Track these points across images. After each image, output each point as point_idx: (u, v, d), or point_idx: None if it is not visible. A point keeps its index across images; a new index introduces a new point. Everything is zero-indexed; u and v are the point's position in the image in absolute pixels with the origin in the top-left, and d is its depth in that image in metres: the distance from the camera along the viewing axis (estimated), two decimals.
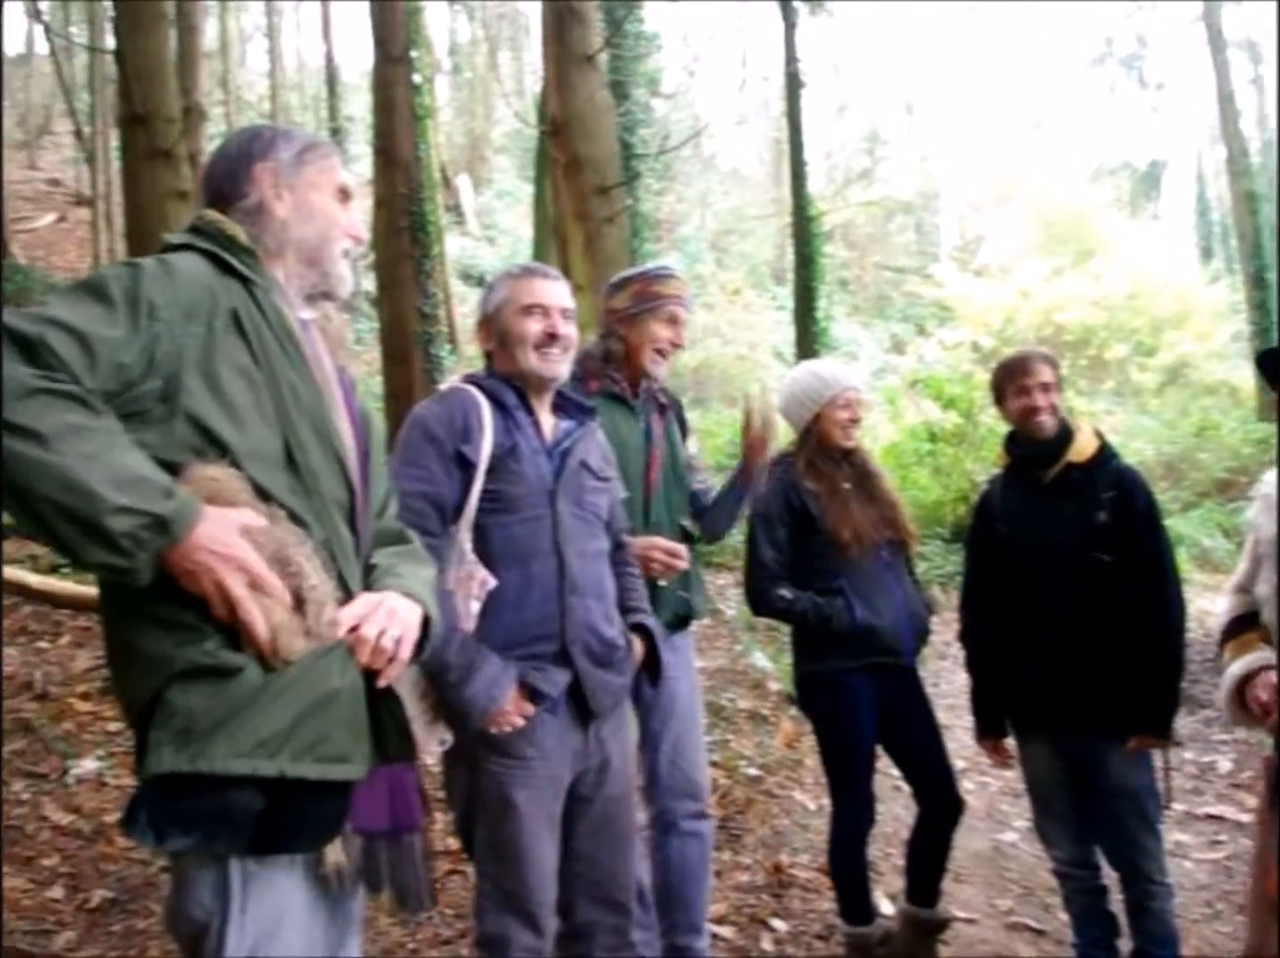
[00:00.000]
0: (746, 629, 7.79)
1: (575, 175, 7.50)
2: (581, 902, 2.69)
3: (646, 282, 3.38)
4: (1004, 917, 4.30)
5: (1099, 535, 3.30)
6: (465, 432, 2.60)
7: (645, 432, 3.37)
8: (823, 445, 3.68)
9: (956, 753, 3.82)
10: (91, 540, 1.57)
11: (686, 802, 3.38)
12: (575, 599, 2.61)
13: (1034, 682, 3.37)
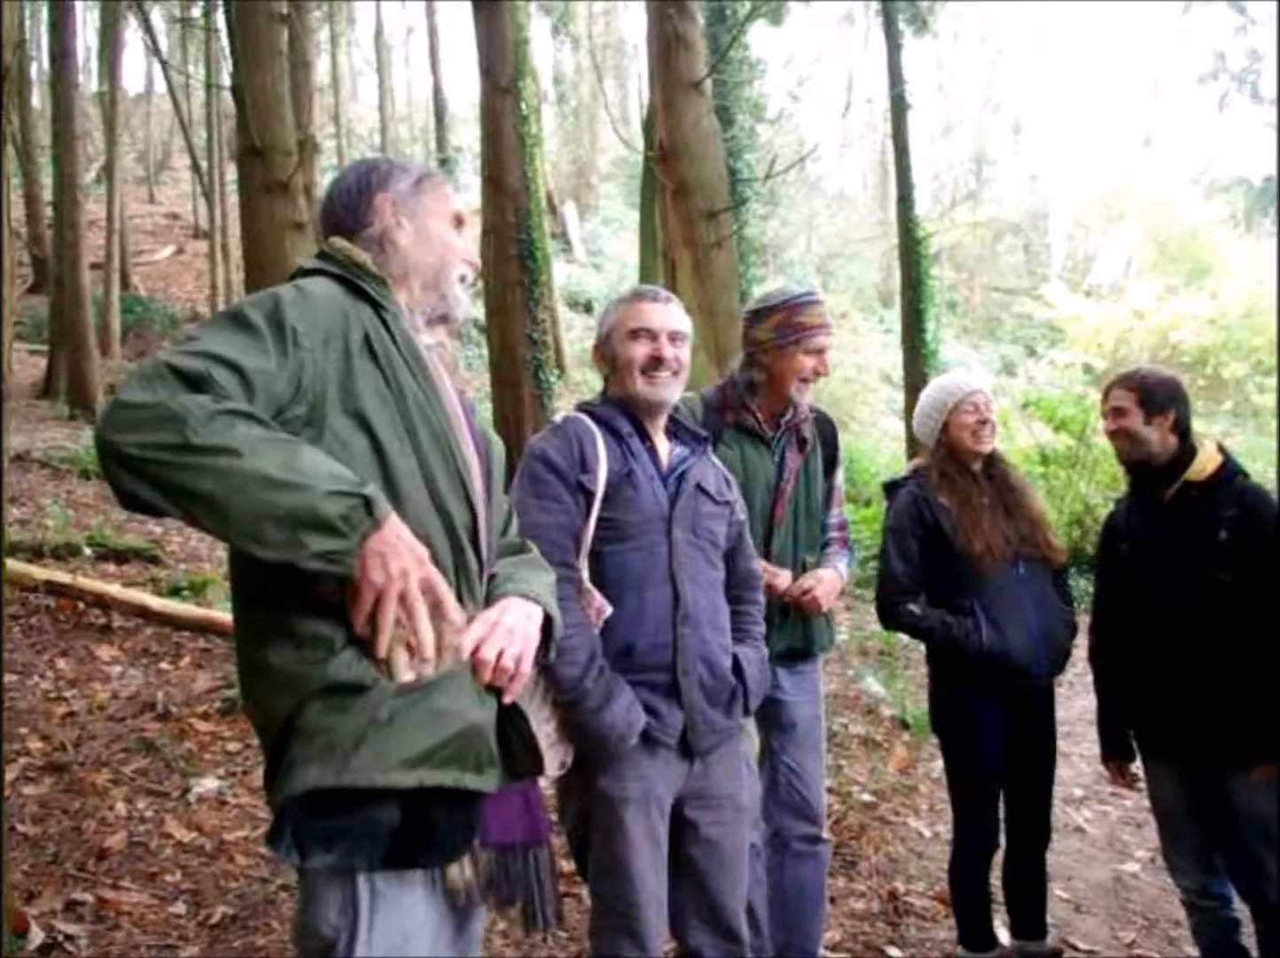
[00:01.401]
0: (859, 654, 7.74)
1: (683, 200, 7.56)
2: (693, 926, 2.68)
3: (790, 311, 3.32)
4: (1127, 949, 4.19)
5: (1220, 554, 3.20)
6: (583, 461, 2.62)
7: (778, 465, 3.34)
8: (955, 455, 3.64)
9: (1074, 781, 3.75)
10: (307, 531, 1.62)
11: (802, 824, 3.36)
12: (689, 629, 2.61)
13: (1161, 704, 3.28)
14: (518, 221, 10.45)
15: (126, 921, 3.83)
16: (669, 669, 2.58)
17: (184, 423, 1.58)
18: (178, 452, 1.58)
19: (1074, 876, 4.80)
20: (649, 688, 2.56)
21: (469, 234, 2.15)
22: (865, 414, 21.48)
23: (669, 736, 2.56)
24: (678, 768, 2.62)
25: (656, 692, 2.57)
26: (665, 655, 2.58)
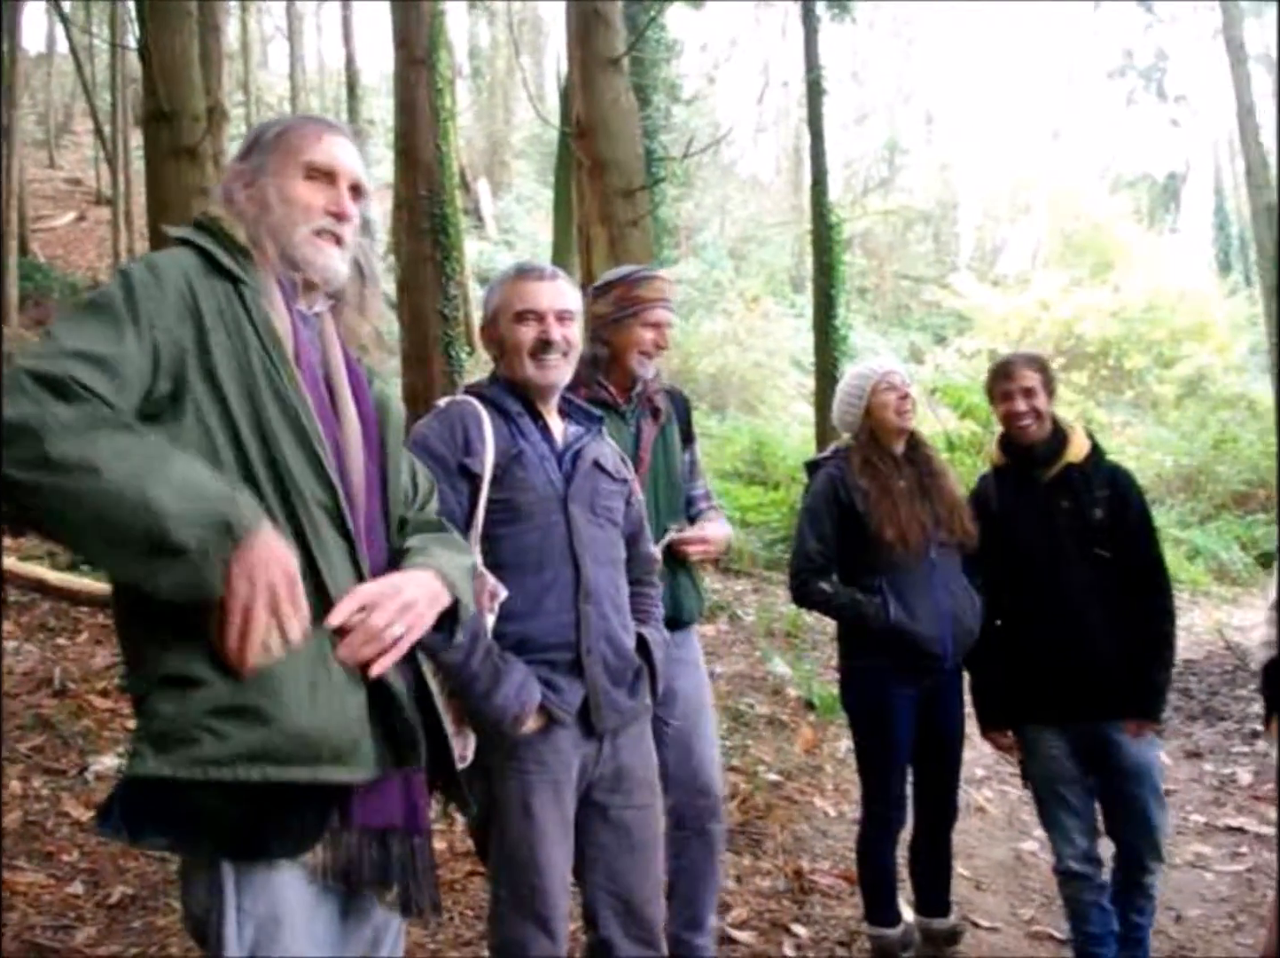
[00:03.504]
0: (765, 635, 7.78)
1: (600, 178, 7.50)
2: (604, 914, 2.65)
3: (629, 285, 3.36)
4: (1026, 926, 4.27)
5: (1096, 532, 3.42)
6: (466, 444, 2.56)
7: (634, 437, 3.36)
8: (879, 438, 3.66)
9: (975, 761, 3.82)
10: (156, 560, 1.57)
11: (695, 798, 3.40)
12: (591, 608, 2.56)
13: (1045, 673, 3.43)
14: (430, 196, 10.31)
15: (22, 901, 3.73)
16: (572, 648, 2.53)
17: (40, 438, 1.54)
18: (36, 469, 1.53)
19: (975, 854, 4.88)
20: (550, 667, 2.51)
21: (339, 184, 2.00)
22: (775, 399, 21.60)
23: (568, 712, 2.50)
24: (585, 750, 2.57)
25: (558, 670, 2.51)
26: (568, 634, 2.53)
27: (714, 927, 3.60)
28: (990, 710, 3.66)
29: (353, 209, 2.01)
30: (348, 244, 2.01)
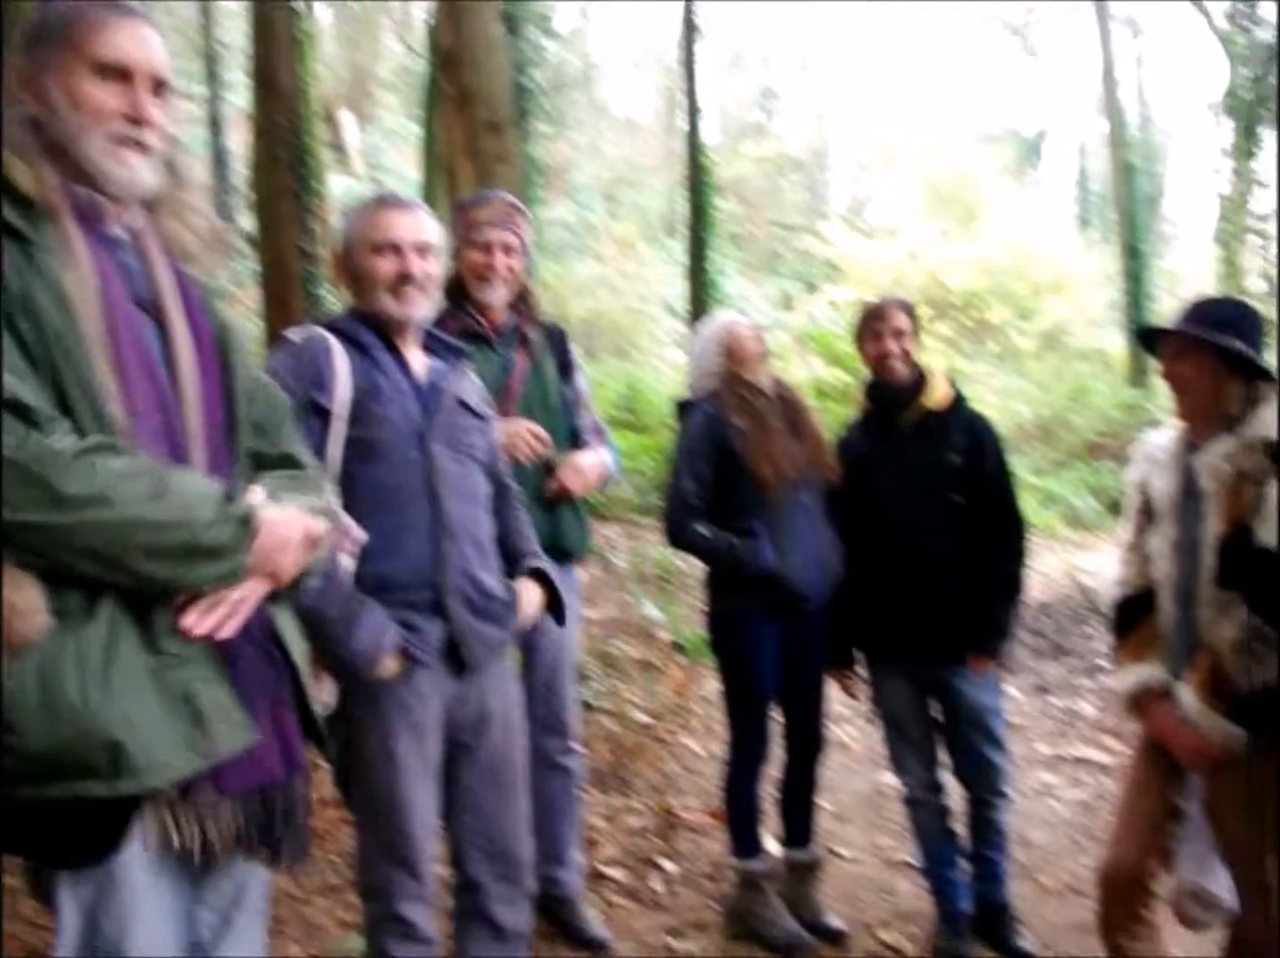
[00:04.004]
0: (636, 580, 7.84)
1: (466, 109, 7.32)
2: (471, 854, 2.67)
3: (466, 210, 3.37)
4: (884, 854, 4.43)
5: (954, 478, 3.50)
6: (317, 378, 2.47)
7: (503, 367, 3.34)
8: (745, 372, 3.68)
9: (838, 698, 3.91)
10: (196, 563, 1.65)
11: (554, 738, 3.49)
12: (451, 545, 2.53)
13: (892, 615, 3.54)
14: (289, 126, 9.97)
15: None
16: (433, 587, 2.50)
17: (46, 479, 1.53)
18: (47, 509, 1.53)
19: (837, 788, 5.03)
20: (410, 607, 2.47)
21: (136, 82, 1.77)
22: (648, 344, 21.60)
23: (428, 652, 2.48)
24: (447, 691, 2.56)
25: (418, 610, 2.48)
26: (428, 573, 2.50)
27: (578, 863, 3.67)
28: (839, 651, 3.76)
29: (155, 111, 1.79)
30: (153, 150, 1.80)
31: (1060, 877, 4.24)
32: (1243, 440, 2.63)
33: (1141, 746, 2.92)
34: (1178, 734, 2.69)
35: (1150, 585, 2.88)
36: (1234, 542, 2.61)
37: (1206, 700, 2.60)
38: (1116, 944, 2.86)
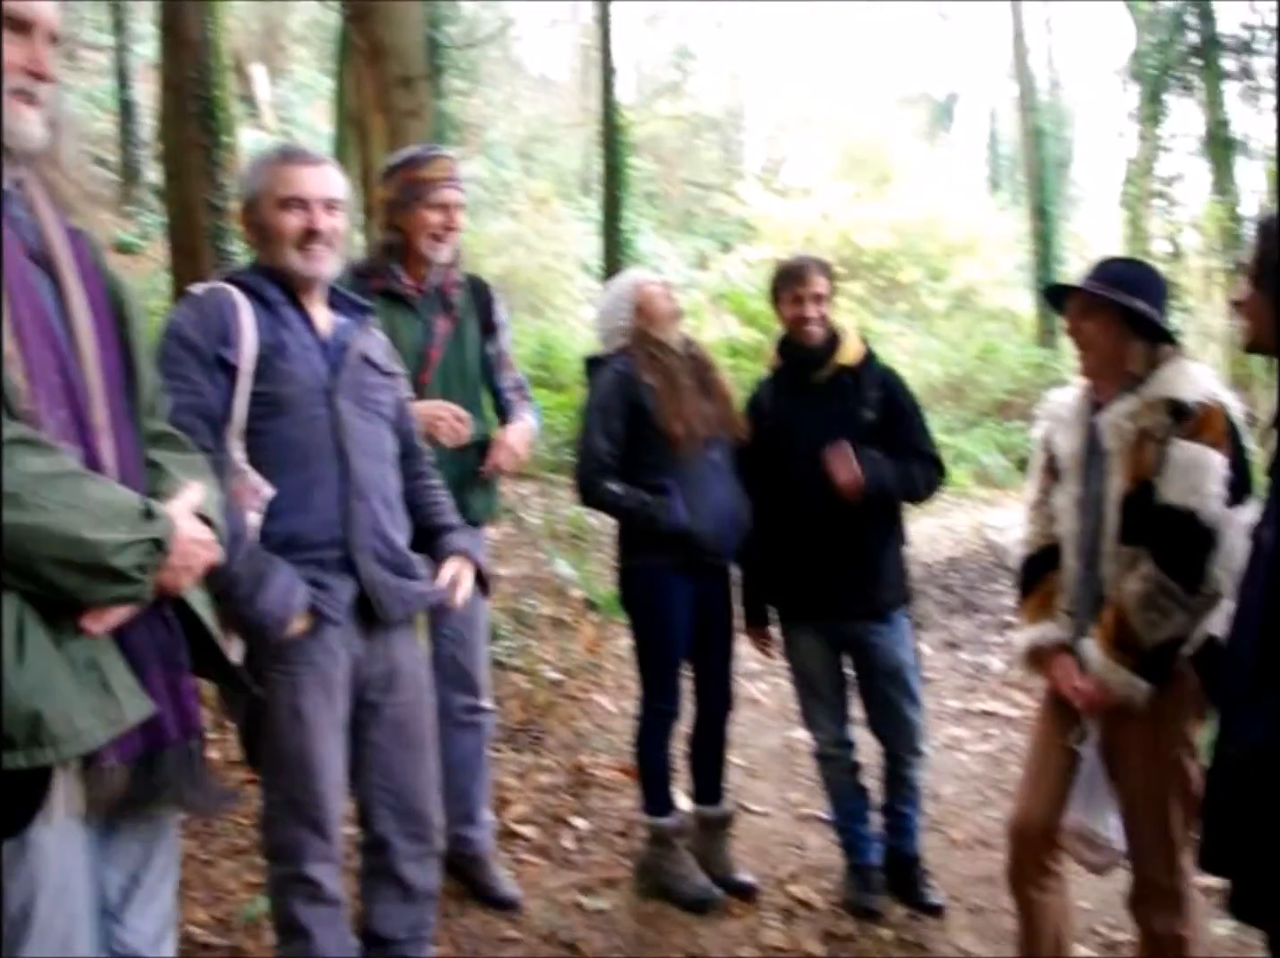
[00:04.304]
0: (549, 537, 7.81)
1: (378, 64, 7.18)
2: (380, 812, 2.65)
3: (412, 167, 3.28)
4: (795, 809, 4.48)
5: (867, 432, 3.53)
6: (223, 333, 2.42)
7: (425, 330, 3.29)
8: (655, 329, 3.66)
9: (750, 655, 3.93)
10: (103, 582, 1.60)
11: (464, 696, 3.48)
12: (360, 503, 2.50)
13: (805, 572, 3.57)
14: (198, 78, 9.70)
15: None
16: (341, 544, 2.47)
17: None
18: None
19: (748, 744, 5.07)
20: (319, 565, 2.44)
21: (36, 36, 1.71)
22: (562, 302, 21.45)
23: (337, 610, 2.45)
24: (356, 649, 2.53)
25: (327, 568, 2.45)
26: (336, 531, 2.46)
27: (490, 821, 3.66)
28: (753, 609, 3.79)
29: (52, 66, 1.75)
30: (43, 104, 1.75)
31: (968, 830, 4.32)
32: (1145, 399, 2.67)
33: (1045, 700, 2.97)
34: (1079, 687, 2.74)
35: (1054, 543, 2.92)
36: (1136, 498, 2.65)
37: (1112, 654, 2.64)
38: (1026, 896, 2.92)
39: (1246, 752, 2.00)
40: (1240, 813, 2.01)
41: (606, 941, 3.44)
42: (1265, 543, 2.06)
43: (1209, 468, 2.56)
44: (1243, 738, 2.02)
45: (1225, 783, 2.08)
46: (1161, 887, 2.70)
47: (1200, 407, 2.61)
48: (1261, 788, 1.95)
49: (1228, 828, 2.06)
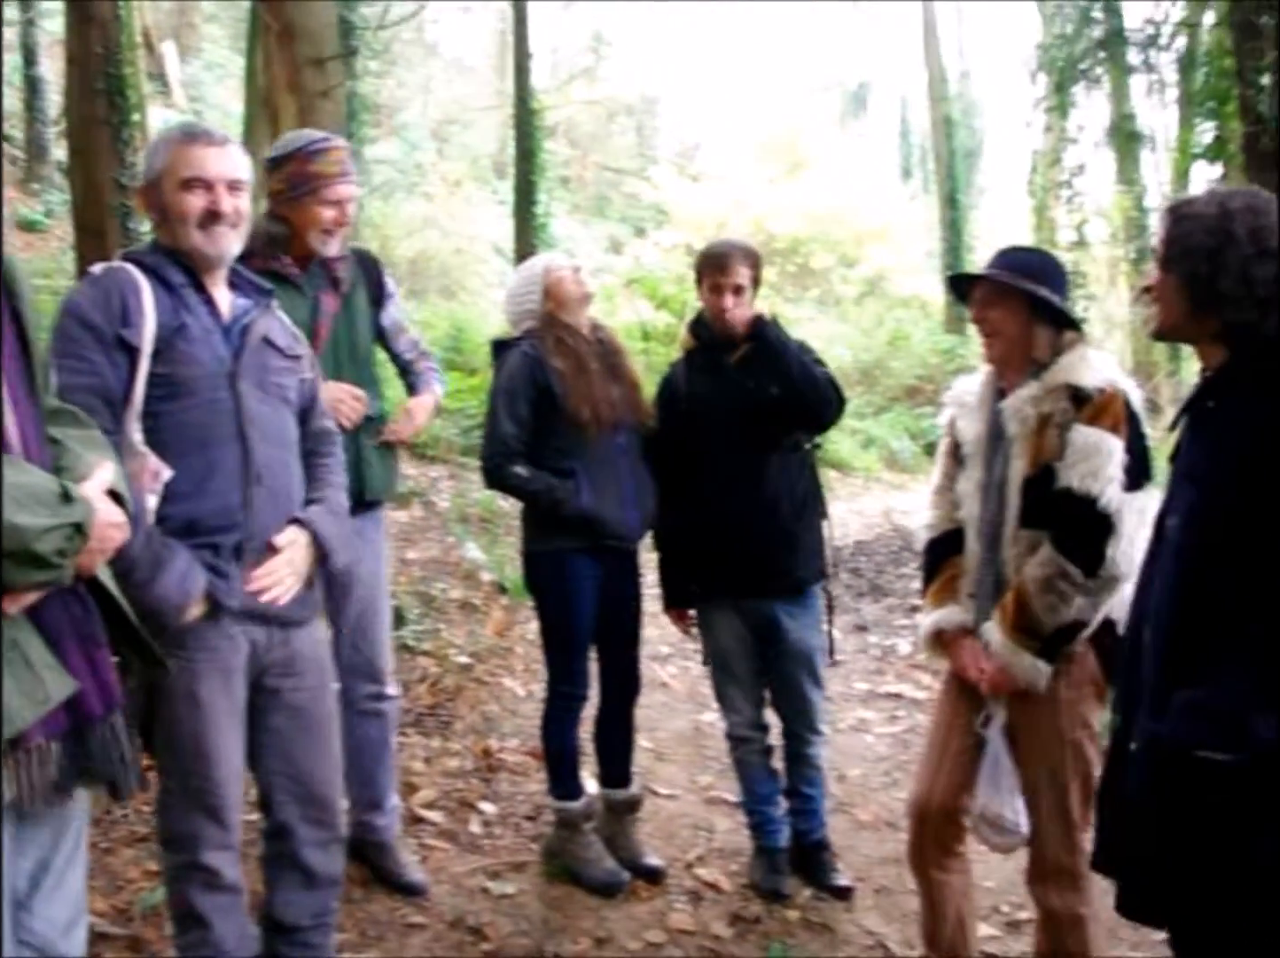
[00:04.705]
0: (459, 521, 7.77)
1: (288, 44, 7.06)
2: (281, 798, 2.62)
3: (304, 160, 3.19)
4: (703, 792, 4.51)
5: (773, 409, 3.53)
6: (124, 314, 2.37)
7: (312, 309, 3.24)
8: (564, 313, 3.65)
9: (661, 639, 3.95)
10: (25, 568, 1.58)
11: (366, 682, 3.45)
12: (260, 490, 2.46)
13: (722, 549, 3.58)
14: (106, 54, 9.47)
15: None
16: (240, 530, 2.43)
17: None
18: None
19: (657, 727, 5.09)
20: (216, 551, 2.40)
21: None
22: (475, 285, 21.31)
23: (235, 597, 2.41)
24: (255, 635, 2.49)
25: (225, 555, 2.41)
26: (235, 517, 2.42)
27: (396, 807, 3.64)
28: (672, 590, 3.80)
29: None
30: None
31: (875, 811, 4.38)
32: (1047, 385, 2.73)
33: (947, 683, 3.02)
34: (981, 669, 2.79)
35: (958, 527, 2.96)
36: (1037, 482, 2.70)
37: (1013, 638, 2.69)
38: (928, 876, 2.97)
39: (1148, 747, 2.01)
40: (1140, 807, 2.02)
41: (513, 925, 3.43)
42: (1170, 531, 2.08)
43: (1108, 453, 2.61)
44: (1150, 734, 2.02)
45: (1127, 776, 2.08)
46: (1061, 866, 2.76)
47: (1100, 392, 2.67)
48: (1160, 784, 1.97)
49: (1126, 822, 2.08)
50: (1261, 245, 1.99)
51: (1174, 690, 1.96)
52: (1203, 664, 1.93)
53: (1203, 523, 1.99)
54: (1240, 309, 2.01)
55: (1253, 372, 1.99)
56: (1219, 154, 8.47)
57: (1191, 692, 1.93)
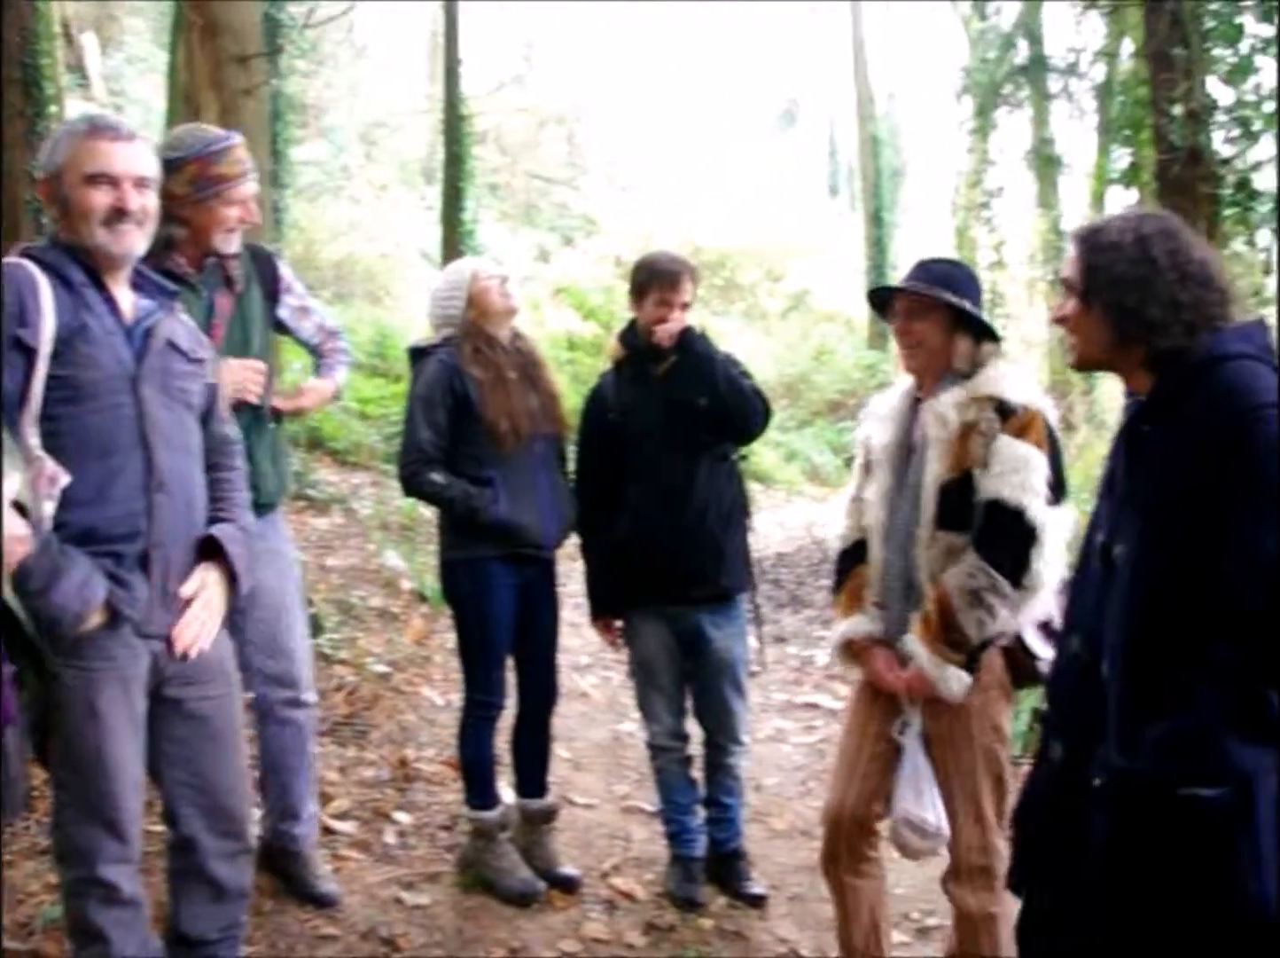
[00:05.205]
0: (380, 528, 7.70)
1: (211, 40, 6.96)
2: (187, 811, 2.56)
3: (205, 162, 3.10)
4: (620, 801, 4.51)
5: (702, 419, 3.56)
6: (21, 313, 2.29)
7: (207, 310, 3.18)
8: (486, 322, 3.64)
9: (581, 649, 3.94)
10: None
11: (279, 690, 3.39)
12: (163, 498, 2.40)
13: (649, 558, 3.59)
14: (22, 43, 9.27)
15: None
16: (142, 539, 2.36)
17: None
18: None
19: (576, 736, 5.08)
20: (117, 560, 2.33)
21: None
22: (401, 290, 21.13)
23: (135, 607, 2.35)
24: (156, 645, 2.43)
25: (125, 564, 2.35)
26: (137, 525, 2.36)
27: (315, 815, 3.59)
28: (600, 599, 3.80)
29: None
30: None
31: (790, 819, 4.41)
32: (971, 393, 2.77)
33: (859, 691, 3.05)
34: (897, 676, 2.82)
35: (865, 536, 3.00)
36: (956, 486, 2.74)
37: (938, 651, 2.72)
38: (841, 882, 3.00)
39: (1118, 784, 1.93)
40: (1111, 848, 1.94)
41: (427, 936, 3.40)
42: (1118, 561, 2.02)
43: (1036, 468, 2.68)
44: (1121, 771, 1.92)
45: (1085, 813, 1.99)
46: (978, 866, 2.80)
47: (1024, 409, 2.73)
48: (1137, 823, 1.89)
49: (1077, 858, 2.00)
50: (1182, 270, 2.00)
51: (1144, 725, 1.89)
52: (1171, 696, 1.87)
53: (1155, 553, 1.95)
54: (1170, 335, 2.00)
55: (1191, 393, 1.95)
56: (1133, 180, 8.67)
57: (1164, 725, 1.86)
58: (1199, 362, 1.97)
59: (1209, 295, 2.01)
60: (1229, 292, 2.06)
